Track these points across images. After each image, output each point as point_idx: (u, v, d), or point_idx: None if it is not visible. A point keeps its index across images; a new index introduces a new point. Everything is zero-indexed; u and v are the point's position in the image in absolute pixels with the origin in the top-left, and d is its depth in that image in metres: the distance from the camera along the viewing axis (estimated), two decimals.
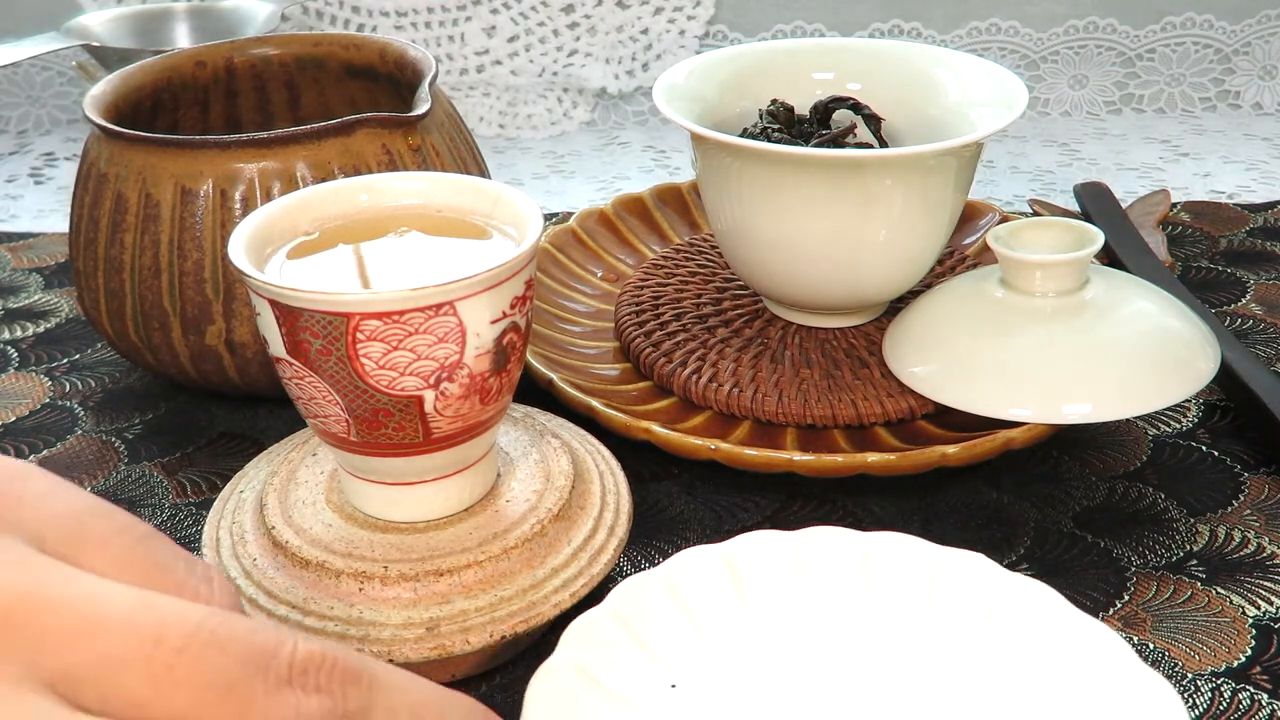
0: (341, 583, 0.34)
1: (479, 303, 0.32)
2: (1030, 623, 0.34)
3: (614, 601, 0.34)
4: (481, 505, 0.37)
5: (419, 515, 0.36)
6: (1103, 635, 0.33)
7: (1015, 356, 0.43)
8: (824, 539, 0.37)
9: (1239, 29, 0.83)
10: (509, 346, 0.34)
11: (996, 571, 0.36)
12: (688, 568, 0.36)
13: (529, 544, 0.36)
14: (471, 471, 0.36)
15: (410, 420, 0.33)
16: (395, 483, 0.35)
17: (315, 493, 0.37)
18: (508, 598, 0.34)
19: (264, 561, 0.35)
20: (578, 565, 0.36)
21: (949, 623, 0.35)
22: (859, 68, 0.54)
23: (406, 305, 0.31)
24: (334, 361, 0.32)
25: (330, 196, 0.38)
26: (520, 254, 0.33)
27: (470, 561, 0.35)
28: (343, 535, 0.36)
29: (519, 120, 0.85)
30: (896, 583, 0.36)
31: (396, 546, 0.35)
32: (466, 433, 0.35)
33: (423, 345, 0.32)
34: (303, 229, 0.37)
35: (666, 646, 0.34)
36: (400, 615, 0.33)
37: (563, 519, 0.37)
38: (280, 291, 0.32)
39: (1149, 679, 0.32)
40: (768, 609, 0.36)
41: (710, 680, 0.34)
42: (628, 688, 0.33)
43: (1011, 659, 0.34)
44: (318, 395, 0.33)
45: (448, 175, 0.39)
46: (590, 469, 0.39)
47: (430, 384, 0.33)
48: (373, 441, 0.34)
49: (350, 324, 0.31)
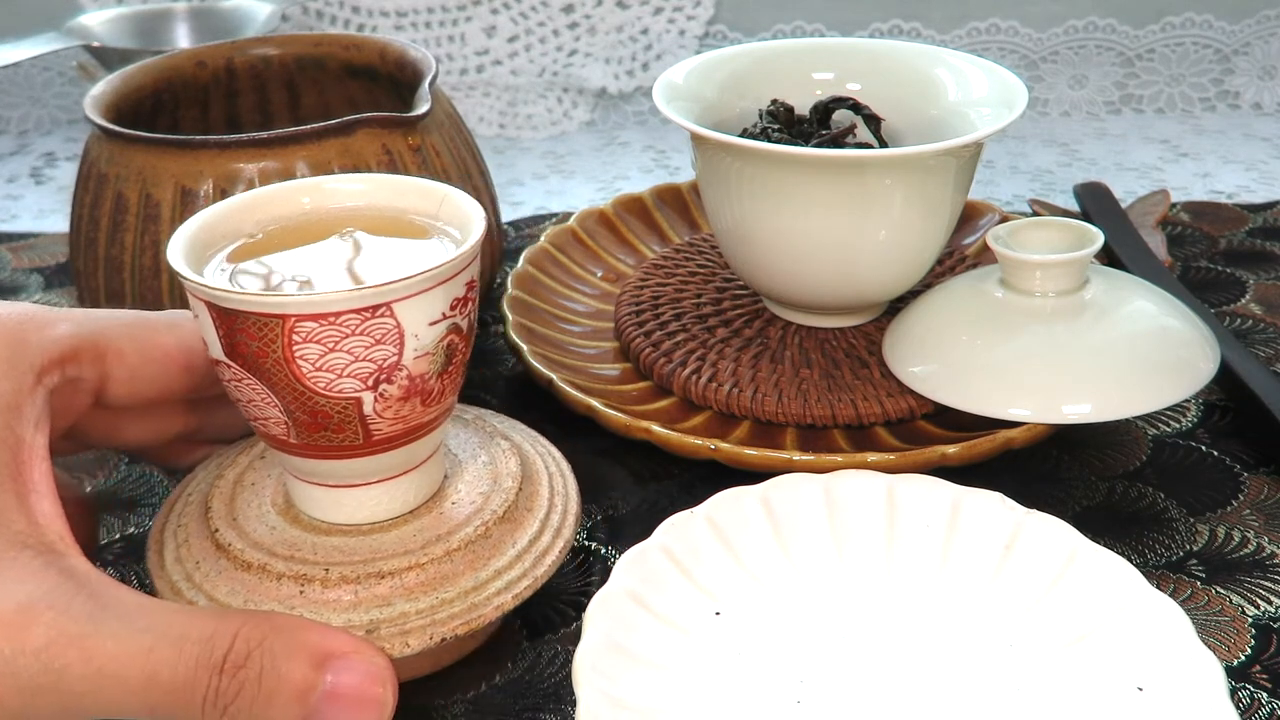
0: (282, 585, 0.34)
1: (417, 304, 0.32)
2: (1046, 553, 0.37)
3: (661, 536, 0.37)
4: (427, 507, 0.37)
5: (363, 517, 0.36)
6: (1113, 563, 0.36)
7: (1015, 356, 0.43)
8: (853, 480, 0.40)
9: (1239, 29, 0.83)
10: (450, 348, 0.34)
11: (1014, 507, 0.38)
12: (727, 506, 0.39)
13: (472, 546, 0.35)
14: (416, 473, 0.36)
15: (350, 422, 0.33)
16: (338, 485, 0.35)
17: (261, 495, 0.37)
18: (449, 600, 0.34)
19: (207, 565, 0.35)
20: (522, 567, 0.36)
21: (970, 554, 0.38)
22: (859, 68, 0.54)
23: (342, 307, 0.31)
24: (271, 364, 0.32)
25: (272, 199, 0.37)
26: (458, 256, 0.33)
27: (412, 564, 0.34)
28: (286, 538, 0.35)
29: (519, 120, 0.85)
30: (921, 518, 0.39)
31: (339, 549, 0.35)
32: (408, 435, 0.35)
33: (360, 347, 0.32)
34: (246, 231, 0.36)
35: (710, 577, 0.37)
36: (340, 618, 0.33)
37: (508, 521, 0.37)
38: (215, 293, 0.32)
39: (1156, 600, 0.34)
40: (802, 543, 0.39)
41: (751, 608, 0.37)
42: (677, 614, 0.36)
43: (1030, 586, 0.36)
44: (256, 398, 0.33)
45: (392, 177, 0.39)
46: (539, 471, 0.39)
47: (369, 386, 0.33)
48: (313, 444, 0.34)
49: (286, 326, 0.31)
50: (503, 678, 0.37)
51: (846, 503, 0.39)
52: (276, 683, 0.29)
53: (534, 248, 0.57)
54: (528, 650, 0.38)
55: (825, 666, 0.35)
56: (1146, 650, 0.33)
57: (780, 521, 0.39)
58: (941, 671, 0.35)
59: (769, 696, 0.34)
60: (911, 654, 0.35)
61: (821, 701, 0.34)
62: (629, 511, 0.44)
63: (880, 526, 0.39)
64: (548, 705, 0.36)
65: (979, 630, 0.36)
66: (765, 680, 0.34)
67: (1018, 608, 0.36)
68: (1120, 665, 0.33)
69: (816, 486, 0.40)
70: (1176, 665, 0.33)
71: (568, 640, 0.39)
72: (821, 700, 0.34)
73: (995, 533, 0.38)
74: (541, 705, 0.36)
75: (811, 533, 0.39)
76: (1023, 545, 0.37)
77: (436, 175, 0.48)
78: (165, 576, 0.35)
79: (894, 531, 0.39)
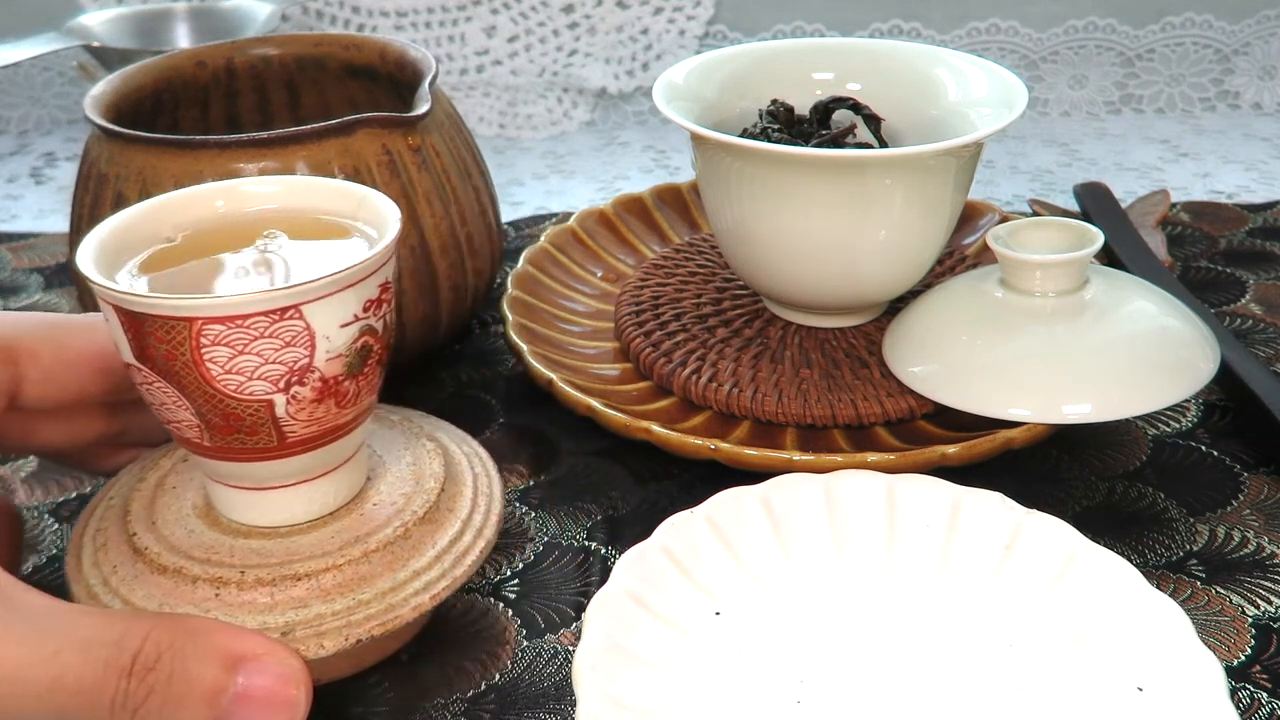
0: (198, 588, 0.34)
1: (327, 306, 0.32)
2: (1046, 553, 0.37)
3: (661, 536, 0.37)
4: (347, 509, 0.37)
5: (282, 520, 0.36)
6: (1113, 563, 0.36)
7: (1015, 356, 0.43)
8: (853, 480, 0.40)
9: (1239, 29, 0.83)
10: (365, 350, 0.34)
11: (1014, 508, 0.38)
12: (727, 506, 0.39)
13: (391, 547, 0.35)
14: (335, 475, 0.36)
15: (263, 425, 0.33)
16: (255, 487, 0.35)
17: (182, 499, 0.37)
18: (365, 601, 0.34)
19: (124, 569, 0.35)
20: (440, 567, 0.35)
21: (970, 554, 0.38)
22: (859, 68, 0.54)
23: (250, 309, 0.31)
24: (180, 367, 0.32)
25: (188, 202, 0.37)
26: (368, 258, 0.33)
27: (329, 565, 0.34)
28: (204, 541, 0.35)
29: (519, 120, 0.85)
30: (921, 518, 0.39)
31: (257, 551, 0.35)
32: (324, 437, 0.35)
33: (270, 349, 0.32)
34: (163, 235, 0.36)
35: (710, 577, 0.37)
36: (255, 620, 0.33)
37: (429, 522, 0.37)
38: (121, 297, 0.31)
39: (1156, 600, 0.34)
40: (802, 543, 0.39)
41: (751, 608, 0.37)
42: (677, 614, 0.36)
43: (1030, 586, 0.37)
44: (168, 401, 0.33)
45: (309, 179, 0.39)
46: (464, 472, 0.39)
47: (280, 388, 0.33)
48: (227, 447, 0.34)
49: (193, 329, 0.31)
50: (503, 677, 0.37)
51: (846, 503, 0.39)
52: (186, 685, 0.29)
53: (534, 248, 0.57)
54: (528, 650, 0.38)
55: (825, 666, 0.35)
56: (1146, 650, 0.33)
57: (780, 521, 0.39)
58: (941, 671, 0.35)
59: (769, 696, 0.34)
60: (911, 654, 0.35)
61: (821, 701, 0.34)
62: (629, 511, 0.44)
63: (880, 526, 0.39)
64: (548, 705, 0.36)
65: (979, 630, 0.36)
66: (765, 680, 0.34)
67: (1018, 608, 0.36)
68: (1120, 665, 0.33)
69: (816, 486, 0.40)
70: (1176, 665, 0.33)
71: (568, 640, 0.39)
72: (821, 700, 0.34)
73: (995, 533, 0.38)
74: (541, 705, 0.36)
75: (811, 533, 0.39)
76: (1023, 545, 0.37)
77: (437, 175, 0.48)
78: (82, 581, 0.35)
79: (894, 531, 0.39)
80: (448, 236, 0.48)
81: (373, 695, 0.37)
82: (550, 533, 0.43)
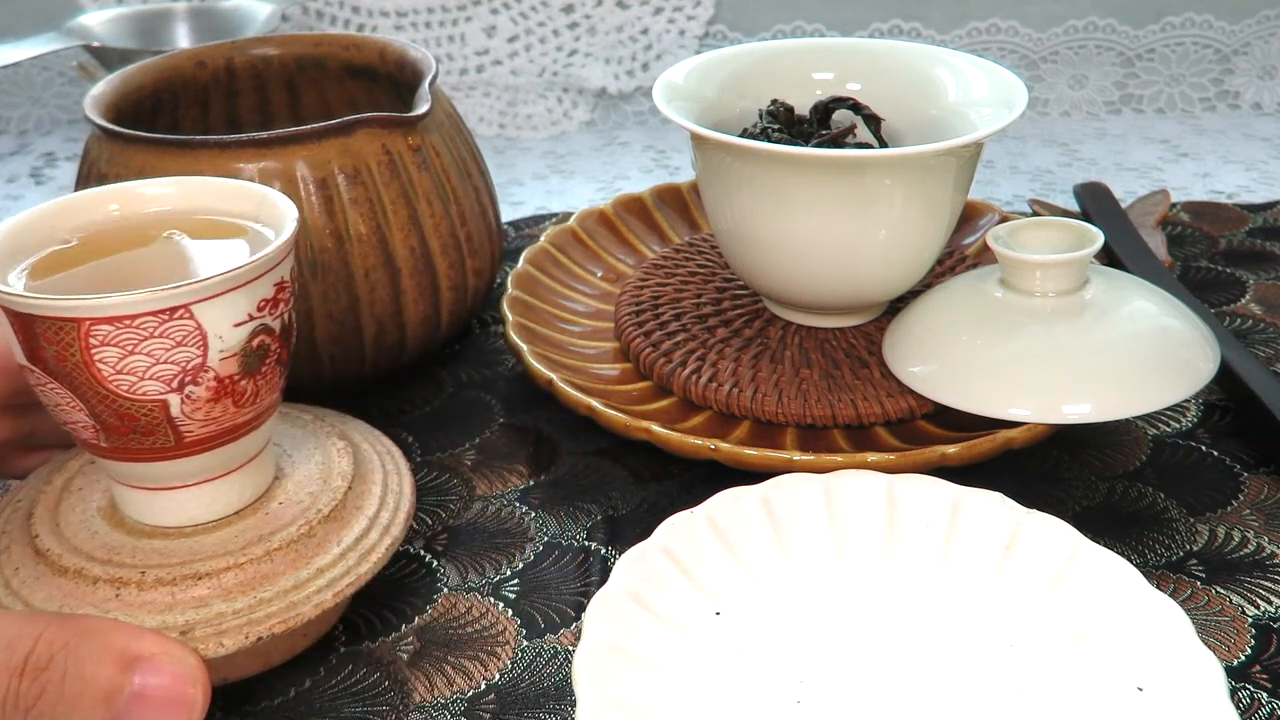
0: (98, 589, 0.34)
1: (217, 306, 0.32)
2: (1046, 553, 0.37)
3: (661, 536, 0.37)
4: (253, 508, 0.37)
5: (185, 520, 0.36)
6: (1113, 563, 0.36)
7: (1015, 356, 0.43)
8: (853, 480, 0.40)
9: (1239, 29, 0.83)
10: (261, 349, 0.34)
11: (1014, 508, 0.38)
12: (727, 506, 0.39)
13: (294, 545, 0.36)
14: (239, 474, 0.36)
15: (158, 425, 0.33)
16: (156, 488, 0.35)
17: (88, 501, 0.37)
18: (267, 599, 0.34)
19: (25, 571, 0.35)
20: (345, 565, 0.36)
21: (970, 554, 0.38)
22: (859, 68, 0.54)
23: (137, 309, 0.31)
24: (71, 367, 0.32)
25: (83, 205, 0.37)
26: (259, 258, 0.33)
27: (231, 564, 0.35)
28: (107, 542, 0.35)
29: (519, 120, 0.85)
30: (921, 518, 0.39)
31: (159, 551, 0.35)
32: (223, 436, 0.35)
33: (160, 349, 0.32)
34: (59, 238, 0.36)
35: (710, 577, 0.37)
36: (155, 619, 0.33)
37: (334, 520, 0.37)
38: (8, 298, 0.32)
39: (1156, 600, 0.34)
40: (802, 543, 0.39)
41: (751, 608, 0.37)
42: (677, 614, 0.36)
43: (1030, 586, 0.37)
44: (63, 402, 0.33)
45: (207, 179, 0.39)
46: (374, 470, 0.39)
47: (173, 388, 0.33)
48: (124, 447, 0.34)
49: (82, 329, 0.31)
50: (503, 677, 0.37)
51: (846, 503, 0.39)
52: (81, 685, 0.29)
53: (534, 248, 0.57)
54: (528, 650, 0.38)
55: (825, 666, 0.35)
56: (1146, 650, 0.33)
57: (780, 521, 0.39)
58: (941, 671, 0.35)
59: (769, 696, 0.34)
60: (911, 654, 0.35)
61: (821, 701, 0.34)
62: (629, 511, 0.44)
63: (880, 526, 0.39)
64: (548, 705, 0.36)
65: (979, 630, 0.36)
66: (765, 680, 0.34)
67: (1018, 608, 0.36)
68: (1120, 665, 0.33)
69: (816, 486, 0.40)
70: (1176, 665, 0.33)
71: (568, 640, 0.39)
72: (821, 700, 0.34)
73: (995, 533, 0.38)
74: (541, 705, 0.36)
75: (811, 533, 0.39)
76: (1023, 545, 0.37)
77: (436, 175, 0.48)
78: None
79: (894, 531, 0.39)
80: (448, 236, 0.48)
81: (373, 695, 0.37)
82: (550, 533, 0.43)
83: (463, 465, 0.47)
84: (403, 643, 0.39)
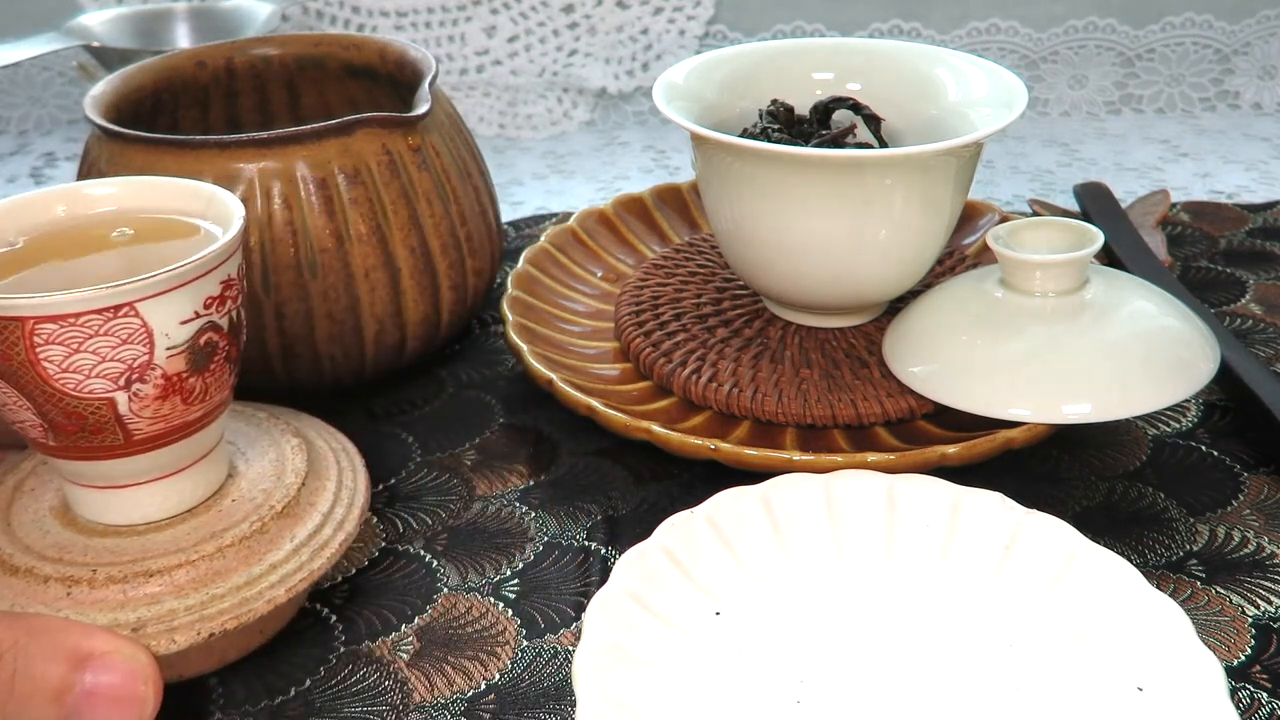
0: (49, 588, 0.34)
1: (162, 304, 0.33)
2: (1046, 553, 0.37)
3: (661, 536, 0.37)
4: (206, 506, 0.37)
5: (137, 518, 0.36)
6: (1113, 563, 0.36)
7: (1015, 356, 0.43)
8: (853, 480, 0.40)
9: (1239, 29, 0.83)
10: (209, 346, 0.34)
11: (1014, 508, 0.38)
12: (727, 506, 0.39)
13: (247, 542, 0.36)
14: (191, 472, 0.36)
15: (106, 423, 0.33)
16: (107, 486, 0.35)
17: (40, 500, 0.37)
18: (219, 595, 0.34)
19: None
20: (298, 560, 0.36)
21: (970, 554, 0.38)
22: (859, 68, 0.54)
23: (81, 308, 0.31)
24: (17, 366, 0.32)
25: (28, 206, 0.37)
26: (203, 256, 0.33)
27: (182, 561, 0.35)
28: (58, 541, 0.35)
29: (519, 120, 0.85)
30: (921, 518, 0.39)
31: (110, 550, 0.35)
32: (173, 434, 0.35)
33: (106, 347, 0.32)
34: (6, 240, 0.36)
35: (710, 577, 0.37)
36: (107, 617, 0.33)
37: (287, 516, 0.37)
38: None
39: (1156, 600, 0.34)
40: (802, 543, 0.39)
41: (751, 608, 0.37)
42: (677, 614, 0.36)
43: (1030, 586, 0.37)
44: (10, 401, 0.33)
45: (154, 179, 0.39)
46: (329, 466, 0.39)
47: (120, 386, 0.33)
48: (73, 445, 0.34)
49: (26, 328, 0.31)
50: (503, 677, 0.37)
51: (846, 503, 0.39)
52: (30, 684, 0.29)
53: (534, 248, 0.57)
54: (528, 650, 0.38)
55: (825, 666, 0.35)
56: (1146, 650, 0.33)
57: (780, 521, 0.39)
58: (941, 671, 0.35)
59: (769, 696, 0.34)
60: (911, 654, 0.35)
61: (821, 701, 0.34)
62: (629, 511, 0.44)
63: (880, 526, 0.39)
64: (548, 705, 0.36)
65: (979, 630, 0.36)
66: (765, 680, 0.34)
67: (1018, 608, 0.36)
68: (1120, 665, 0.33)
69: (816, 486, 0.40)
70: (1176, 665, 0.33)
71: (568, 640, 0.39)
72: (821, 700, 0.34)
73: (995, 533, 0.38)
74: (541, 705, 0.36)
75: (811, 533, 0.39)
76: (1023, 545, 0.37)
77: (437, 175, 0.48)
78: None
79: (894, 531, 0.39)
80: (448, 236, 0.48)
81: (373, 695, 0.37)
82: (550, 533, 0.44)
83: (463, 465, 0.47)
84: (403, 643, 0.39)
